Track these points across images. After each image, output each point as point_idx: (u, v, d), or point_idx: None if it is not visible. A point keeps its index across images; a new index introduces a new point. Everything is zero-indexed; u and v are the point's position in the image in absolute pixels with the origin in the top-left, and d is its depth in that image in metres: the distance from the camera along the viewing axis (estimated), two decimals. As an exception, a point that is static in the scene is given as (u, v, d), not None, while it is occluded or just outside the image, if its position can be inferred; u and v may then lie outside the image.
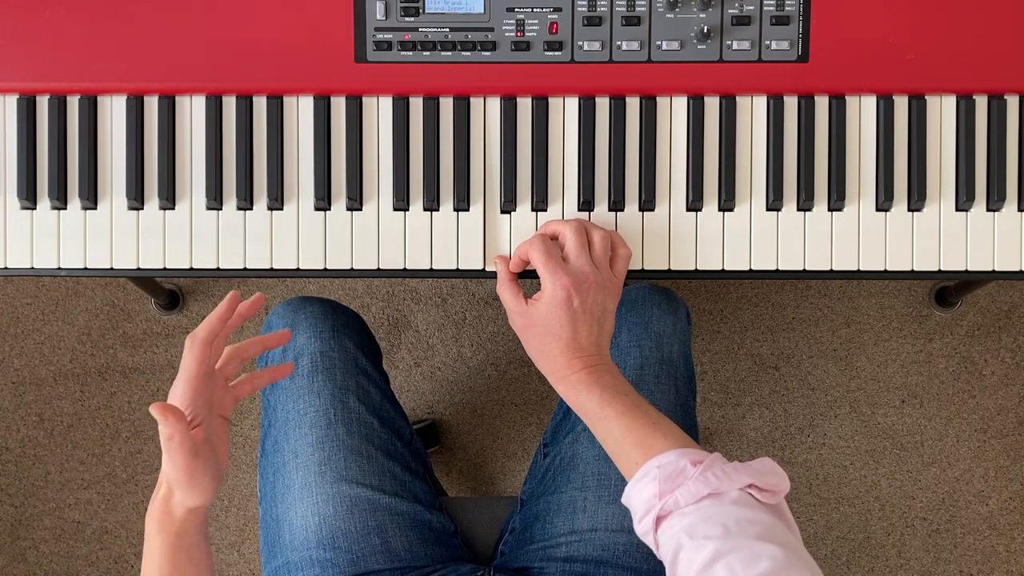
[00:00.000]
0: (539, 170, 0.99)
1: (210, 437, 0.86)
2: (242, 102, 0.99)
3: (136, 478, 1.70)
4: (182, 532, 0.86)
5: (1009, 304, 1.72)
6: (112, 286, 1.71)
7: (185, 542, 0.86)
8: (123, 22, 0.97)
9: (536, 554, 1.05)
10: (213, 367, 0.88)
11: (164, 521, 0.86)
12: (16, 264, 0.99)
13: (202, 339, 0.85)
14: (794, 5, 0.97)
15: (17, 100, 0.99)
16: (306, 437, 1.06)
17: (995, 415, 1.72)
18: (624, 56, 0.98)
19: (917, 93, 0.99)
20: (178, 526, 0.85)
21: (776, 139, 0.99)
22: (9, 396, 1.71)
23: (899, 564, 1.72)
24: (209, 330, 0.86)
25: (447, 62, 0.98)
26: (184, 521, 0.86)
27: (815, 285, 1.73)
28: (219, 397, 0.89)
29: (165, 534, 0.86)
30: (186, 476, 0.83)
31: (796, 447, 1.72)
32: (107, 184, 0.99)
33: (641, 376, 1.08)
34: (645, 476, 0.83)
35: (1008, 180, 0.99)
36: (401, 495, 1.06)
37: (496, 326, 1.72)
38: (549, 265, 0.91)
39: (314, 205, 0.99)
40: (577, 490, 1.05)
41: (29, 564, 1.71)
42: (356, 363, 1.10)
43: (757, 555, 0.73)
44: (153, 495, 0.87)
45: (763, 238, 1.00)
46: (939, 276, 1.01)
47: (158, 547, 0.86)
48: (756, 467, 0.82)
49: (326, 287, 1.71)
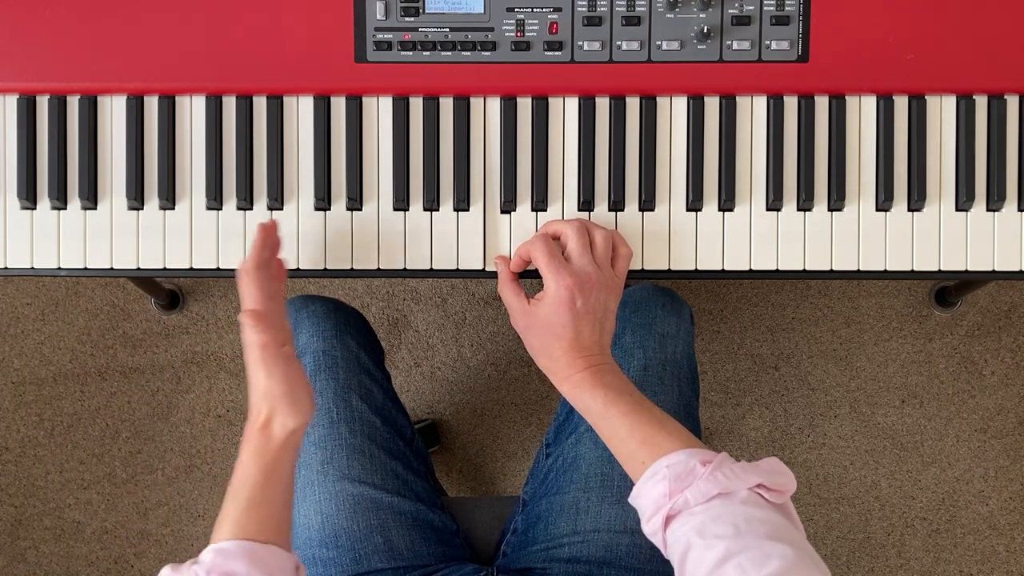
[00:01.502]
0: (539, 170, 0.99)
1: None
2: (242, 102, 0.99)
3: (136, 478, 1.70)
4: (278, 460, 0.84)
5: (1009, 304, 1.72)
6: (112, 286, 1.71)
7: (278, 473, 0.84)
8: (123, 22, 0.97)
9: (539, 555, 1.05)
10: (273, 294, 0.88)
11: (263, 448, 0.84)
12: (16, 264, 0.99)
13: (256, 264, 0.87)
14: (794, 5, 0.97)
15: (17, 100, 0.99)
16: (308, 436, 1.06)
17: (995, 415, 1.72)
18: (624, 56, 0.98)
19: (917, 93, 0.99)
20: (275, 453, 0.84)
21: (776, 139, 0.99)
22: (9, 396, 1.71)
23: (899, 564, 1.72)
24: (257, 254, 0.88)
25: (447, 62, 0.98)
26: (282, 448, 0.84)
27: (815, 285, 1.73)
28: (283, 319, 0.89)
29: (263, 462, 0.84)
30: (287, 387, 0.82)
31: (796, 447, 1.72)
32: (107, 184, 0.99)
33: (645, 377, 1.08)
34: (654, 475, 0.83)
35: (1008, 180, 0.99)
36: (403, 494, 1.06)
37: (496, 326, 1.72)
38: (552, 265, 0.91)
39: (314, 205, 0.99)
40: (580, 491, 1.05)
41: (29, 564, 1.71)
42: (359, 362, 1.10)
43: (767, 554, 0.73)
44: (250, 422, 0.85)
45: (763, 238, 1.00)
46: (939, 276, 1.01)
47: (252, 476, 0.84)
48: (764, 467, 0.82)
49: (326, 287, 1.71)
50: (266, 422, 0.84)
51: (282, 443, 0.84)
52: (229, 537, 0.82)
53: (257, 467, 0.84)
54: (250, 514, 0.83)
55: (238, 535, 0.82)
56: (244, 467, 0.84)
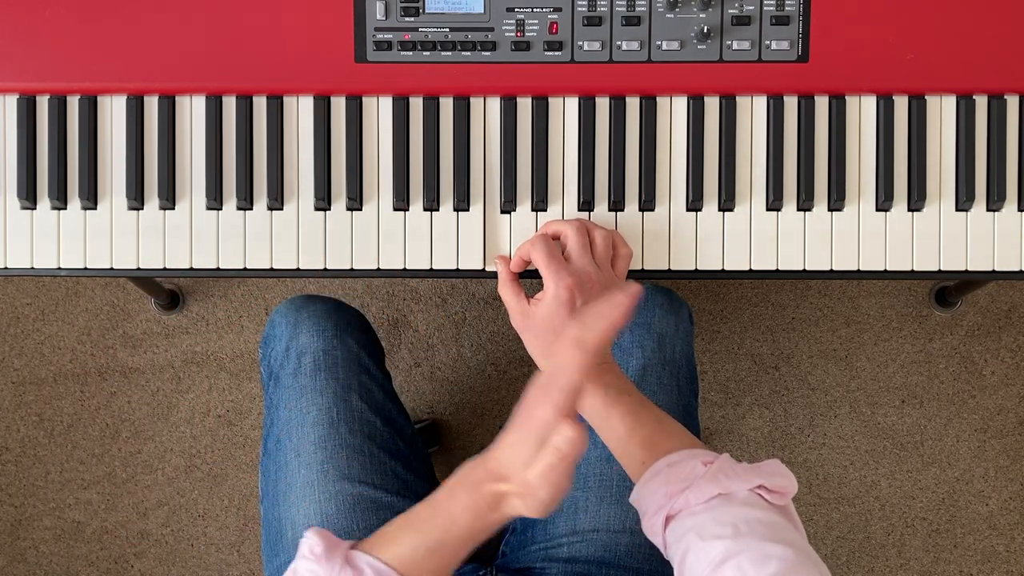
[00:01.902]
0: (539, 170, 0.99)
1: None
2: (242, 102, 0.99)
3: (136, 478, 1.70)
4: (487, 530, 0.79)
5: (1009, 304, 1.72)
6: (112, 286, 1.71)
7: (478, 539, 0.79)
8: (123, 22, 0.97)
9: (538, 554, 1.05)
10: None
11: (484, 513, 0.77)
12: (16, 264, 0.99)
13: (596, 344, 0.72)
14: (794, 5, 0.97)
15: (17, 100, 0.99)
16: (308, 436, 1.06)
17: (995, 415, 1.72)
18: (624, 56, 0.98)
19: (917, 93, 0.99)
20: (491, 524, 0.78)
21: (776, 139, 0.99)
22: (9, 396, 1.71)
23: (899, 564, 1.72)
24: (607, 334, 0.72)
25: (447, 62, 0.98)
26: (500, 523, 0.79)
27: (815, 285, 1.73)
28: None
29: (475, 524, 0.78)
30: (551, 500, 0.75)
31: (796, 447, 1.72)
32: (107, 184, 0.99)
33: (643, 377, 1.08)
34: (655, 475, 0.83)
35: (1008, 180, 0.99)
36: (404, 494, 1.06)
37: (496, 326, 1.72)
38: (552, 265, 0.91)
39: (314, 205, 0.99)
40: (579, 490, 1.05)
41: (29, 564, 1.71)
42: (359, 362, 1.10)
43: (767, 555, 0.73)
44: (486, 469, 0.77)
45: (763, 238, 1.00)
46: (939, 276, 1.01)
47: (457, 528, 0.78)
48: (765, 468, 0.82)
49: (326, 287, 1.71)
50: (504, 496, 0.77)
51: (502, 520, 0.79)
52: (397, 566, 0.78)
53: (466, 522, 0.78)
54: (430, 559, 0.79)
55: (408, 570, 0.78)
56: (453, 513, 0.78)
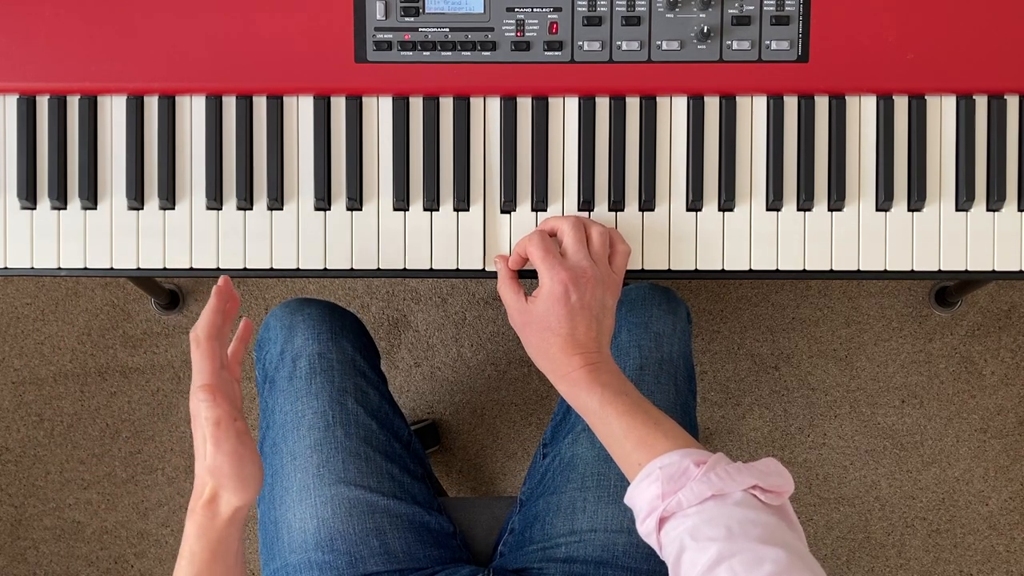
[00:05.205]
0: (539, 170, 0.99)
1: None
2: (242, 102, 0.99)
3: (136, 478, 1.70)
4: (224, 538, 0.82)
5: (1009, 304, 1.72)
6: (112, 286, 1.71)
7: (224, 549, 0.83)
8: (123, 22, 0.97)
9: (536, 555, 1.05)
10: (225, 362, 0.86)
11: (207, 525, 0.82)
12: (16, 264, 0.99)
13: (208, 335, 0.84)
14: (794, 5, 0.97)
15: (17, 100, 0.99)
16: (304, 439, 1.06)
17: (995, 415, 1.72)
18: (624, 56, 0.98)
19: (917, 93, 0.99)
20: (220, 531, 0.82)
21: (776, 139, 0.99)
22: (9, 396, 1.71)
23: (899, 564, 1.72)
24: (210, 323, 0.84)
25: (447, 62, 0.98)
26: (228, 525, 0.82)
27: (815, 285, 1.73)
28: (234, 389, 0.88)
29: (207, 540, 0.82)
30: (236, 465, 0.80)
31: (796, 447, 1.72)
32: (107, 184, 0.99)
33: (641, 376, 1.08)
34: (648, 477, 0.83)
35: (1008, 180, 0.99)
36: (400, 497, 1.06)
37: (496, 326, 1.72)
38: (547, 260, 0.91)
39: (314, 205, 0.99)
40: (577, 491, 1.05)
41: (29, 564, 1.71)
42: (354, 365, 1.10)
43: (760, 558, 0.73)
44: (194, 498, 0.83)
45: (763, 238, 1.00)
46: (939, 276, 1.01)
47: (198, 554, 0.82)
48: (760, 468, 0.81)
49: (326, 287, 1.71)
50: (211, 499, 0.82)
51: (227, 521, 0.82)
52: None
53: (201, 545, 0.82)
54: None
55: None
56: (190, 544, 0.82)
